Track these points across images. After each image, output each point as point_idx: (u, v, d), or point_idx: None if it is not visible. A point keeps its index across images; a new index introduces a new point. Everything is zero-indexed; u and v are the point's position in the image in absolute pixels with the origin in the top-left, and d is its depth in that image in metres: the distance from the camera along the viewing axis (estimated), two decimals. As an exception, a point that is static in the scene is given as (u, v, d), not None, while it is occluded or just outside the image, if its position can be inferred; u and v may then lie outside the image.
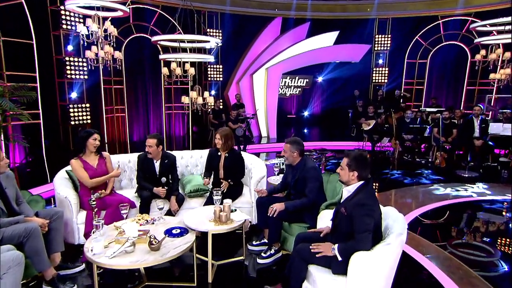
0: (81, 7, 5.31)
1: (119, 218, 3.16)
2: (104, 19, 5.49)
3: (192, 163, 4.70)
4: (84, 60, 7.33)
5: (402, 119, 8.43)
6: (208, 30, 10.11)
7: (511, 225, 4.56)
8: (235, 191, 4.03)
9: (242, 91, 10.66)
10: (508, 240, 4.05)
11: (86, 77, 7.59)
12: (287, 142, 3.45)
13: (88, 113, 7.60)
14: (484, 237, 4.14)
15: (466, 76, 10.58)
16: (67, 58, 7.20)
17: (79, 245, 3.49)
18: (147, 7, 8.94)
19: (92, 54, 5.62)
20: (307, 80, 12.42)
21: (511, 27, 5.94)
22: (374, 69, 11.64)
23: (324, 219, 2.93)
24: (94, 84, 8.13)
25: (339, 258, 2.34)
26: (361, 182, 2.49)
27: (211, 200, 3.46)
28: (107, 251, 2.52)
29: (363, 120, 9.14)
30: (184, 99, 6.64)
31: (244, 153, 4.54)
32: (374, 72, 11.65)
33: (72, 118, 7.33)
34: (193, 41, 7.09)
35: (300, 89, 12.55)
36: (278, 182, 3.95)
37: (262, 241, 3.62)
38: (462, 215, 4.88)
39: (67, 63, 7.20)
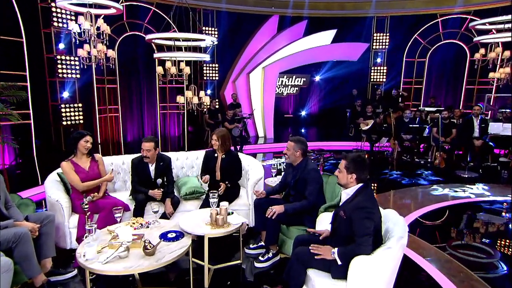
0: (73, 4, 5.23)
1: (113, 222, 3.10)
2: (97, 17, 5.42)
3: (188, 165, 4.63)
4: (76, 59, 7.22)
5: (401, 119, 8.38)
6: (204, 28, 9.99)
7: (511, 226, 4.53)
8: (232, 193, 3.97)
9: (239, 91, 10.58)
10: (508, 241, 4.02)
11: (78, 76, 7.48)
12: (292, 140, 3.39)
13: (81, 113, 7.50)
14: (485, 239, 4.12)
15: (465, 75, 10.58)
16: (59, 57, 7.08)
17: (71, 250, 3.42)
18: (141, 5, 8.81)
19: (85, 53, 5.57)
20: (305, 79, 12.37)
21: (511, 26, 5.92)
22: (372, 68, 11.60)
23: (323, 222, 2.90)
24: (87, 83, 8.01)
25: (339, 262, 2.31)
26: (360, 185, 2.45)
27: (207, 203, 3.42)
28: (100, 257, 2.47)
29: (361, 120, 9.09)
30: (179, 99, 6.59)
31: (241, 154, 4.47)
32: (372, 71, 11.60)
33: (64, 118, 7.23)
34: (188, 40, 7.01)
35: (297, 89, 12.50)
36: (276, 184, 3.90)
37: (260, 244, 3.57)
38: (462, 216, 4.85)
39: (59, 62, 7.09)
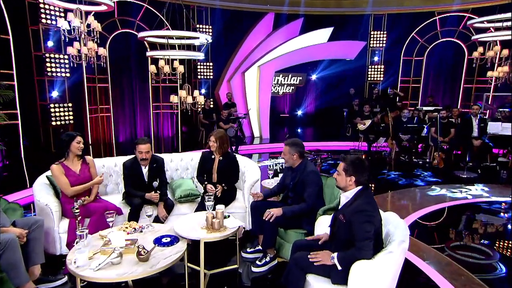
0: (62, 1, 5.10)
1: (105, 227, 2.99)
2: (87, 13, 5.29)
3: (182, 166, 4.54)
4: (66, 57, 7.08)
5: (399, 119, 8.35)
6: (198, 26, 9.87)
7: (510, 226, 4.51)
8: (229, 196, 3.90)
9: (234, 90, 10.47)
10: (508, 242, 4.00)
11: (68, 75, 7.35)
12: (286, 144, 3.35)
13: (71, 113, 7.37)
14: (485, 240, 4.08)
15: (464, 74, 10.59)
16: (47, 55, 6.94)
17: (61, 256, 3.32)
18: (133, 1, 8.66)
19: (75, 51, 5.45)
20: (301, 78, 12.32)
21: (510, 24, 5.88)
22: (370, 67, 11.55)
23: (322, 225, 2.85)
24: (77, 82, 7.87)
25: (339, 267, 2.26)
26: (359, 188, 2.41)
27: (203, 206, 3.34)
28: (92, 263, 2.38)
29: (359, 120, 9.04)
30: (173, 98, 6.50)
31: (237, 156, 4.40)
32: (370, 70, 11.56)
33: (53, 118, 7.10)
34: (182, 38, 6.91)
35: (294, 88, 12.44)
36: (273, 185, 3.84)
37: (257, 248, 3.51)
38: (461, 217, 4.82)
39: (47, 60, 6.95)
